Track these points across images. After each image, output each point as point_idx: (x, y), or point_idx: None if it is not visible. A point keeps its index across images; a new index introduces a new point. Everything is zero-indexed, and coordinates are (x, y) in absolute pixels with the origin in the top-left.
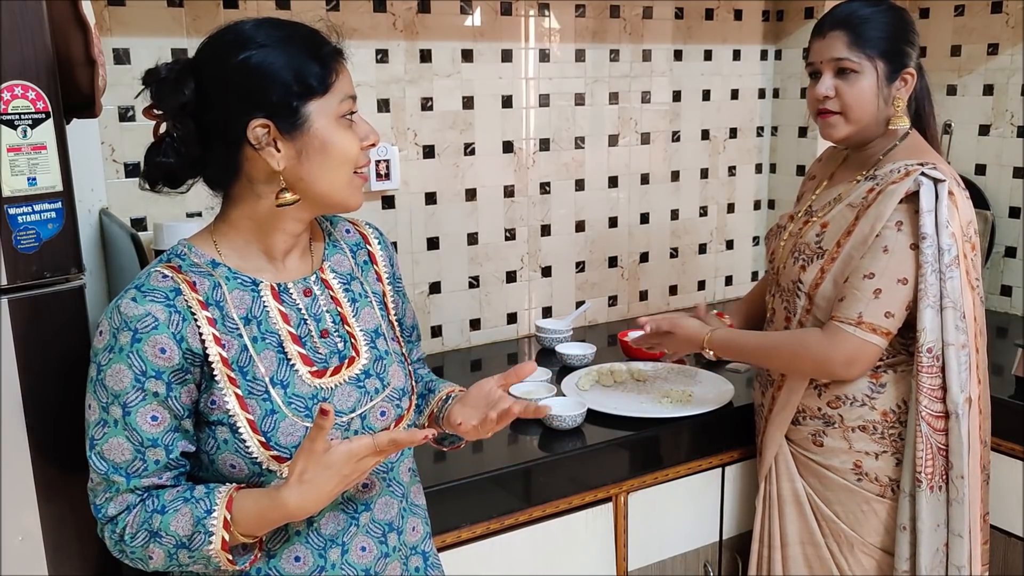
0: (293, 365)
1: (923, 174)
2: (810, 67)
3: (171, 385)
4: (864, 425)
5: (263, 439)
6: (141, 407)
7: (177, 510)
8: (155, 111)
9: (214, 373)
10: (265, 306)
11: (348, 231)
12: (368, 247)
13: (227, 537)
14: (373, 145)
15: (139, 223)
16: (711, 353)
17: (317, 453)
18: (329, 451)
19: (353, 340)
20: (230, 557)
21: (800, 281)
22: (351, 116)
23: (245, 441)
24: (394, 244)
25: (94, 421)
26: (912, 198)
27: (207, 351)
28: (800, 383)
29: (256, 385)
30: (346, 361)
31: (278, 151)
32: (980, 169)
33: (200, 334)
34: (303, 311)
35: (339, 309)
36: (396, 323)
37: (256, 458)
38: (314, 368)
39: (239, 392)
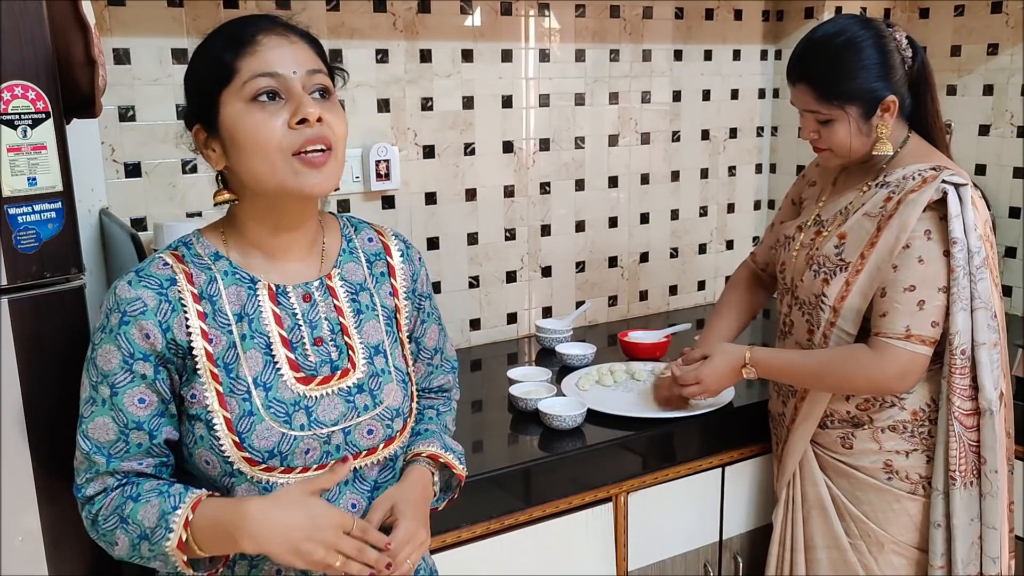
0: (279, 368)
1: (944, 181)
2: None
3: (158, 368)
4: (894, 425)
5: (237, 439)
6: (129, 388)
7: (148, 501)
8: None
9: (197, 367)
10: (259, 305)
11: (371, 239)
12: (388, 259)
13: (184, 537)
14: (304, 121)
15: (139, 223)
16: (752, 372)
17: (308, 485)
18: (318, 495)
19: (351, 352)
20: (186, 559)
21: (824, 295)
22: (268, 96)
23: (219, 439)
24: None
25: (84, 399)
26: (934, 205)
27: (192, 344)
28: (825, 394)
29: (238, 384)
30: (338, 372)
31: (214, 151)
32: (980, 169)
33: (187, 326)
34: (298, 316)
35: (340, 319)
36: (409, 341)
37: (228, 457)
38: (300, 374)
39: (220, 389)
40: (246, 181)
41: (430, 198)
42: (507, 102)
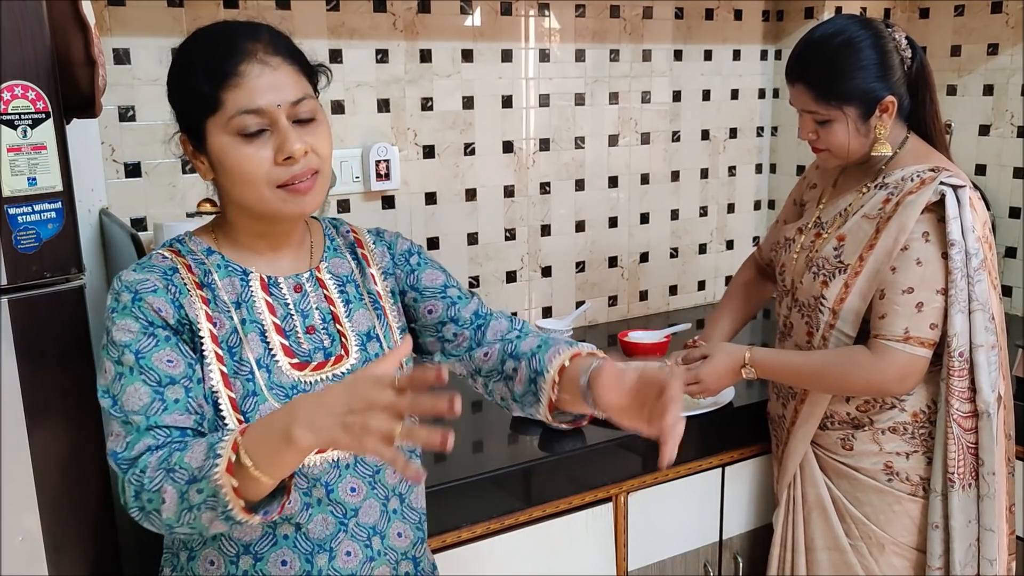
0: (274, 355)
1: (943, 183)
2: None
3: (176, 335)
4: (894, 427)
5: (242, 418)
6: (155, 351)
7: (196, 445)
8: None
9: (203, 348)
10: (252, 294)
11: (347, 232)
12: (361, 250)
13: (233, 459)
14: (291, 159)
15: (139, 223)
16: (752, 372)
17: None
18: (363, 370)
19: (344, 339)
20: (235, 484)
21: (823, 297)
22: (255, 131)
23: (224, 418)
24: None
25: (110, 380)
26: (933, 206)
27: (200, 325)
28: (825, 395)
29: (242, 366)
30: (332, 358)
31: (202, 164)
32: (980, 169)
33: (195, 309)
34: (290, 305)
35: (331, 308)
36: (406, 292)
37: None
38: (295, 360)
39: (224, 370)
40: (233, 198)
41: (430, 198)
42: (507, 102)
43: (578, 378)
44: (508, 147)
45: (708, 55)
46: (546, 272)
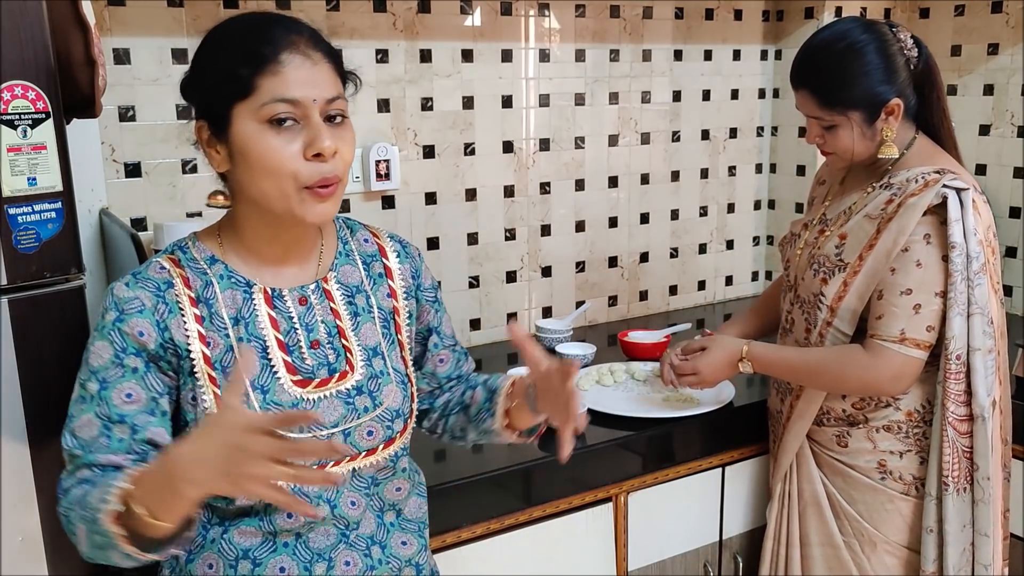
0: (276, 372)
1: (945, 185)
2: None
3: (149, 364)
4: (888, 425)
5: None
6: (118, 383)
7: (103, 482)
8: None
9: (195, 370)
10: (255, 309)
11: (366, 240)
12: (384, 260)
13: (123, 509)
14: (319, 156)
15: (139, 223)
16: (749, 366)
17: (220, 407)
18: (226, 408)
19: (349, 354)
20: (124, 534)
21: (822, 294)
22: (286, 122)
23: None
24: None
25: (73, 400)
26: (935, 209)
27: (190, 347)
28: (820, 393)
29: None
30: (336, 375)
31: (218, 153)
32: (980, 169)
33: (186, 329)
34: (295, 319)
35: (337, 321)
36: (430, 334)
37: None
38: (298, 377)
39: (218, 392)
40: (251, 195)
41: (430, 198)
42: (507, 102)
43: (525, 388)
44: (508, 147)
45: (708, 55)
46: (546, 272)
